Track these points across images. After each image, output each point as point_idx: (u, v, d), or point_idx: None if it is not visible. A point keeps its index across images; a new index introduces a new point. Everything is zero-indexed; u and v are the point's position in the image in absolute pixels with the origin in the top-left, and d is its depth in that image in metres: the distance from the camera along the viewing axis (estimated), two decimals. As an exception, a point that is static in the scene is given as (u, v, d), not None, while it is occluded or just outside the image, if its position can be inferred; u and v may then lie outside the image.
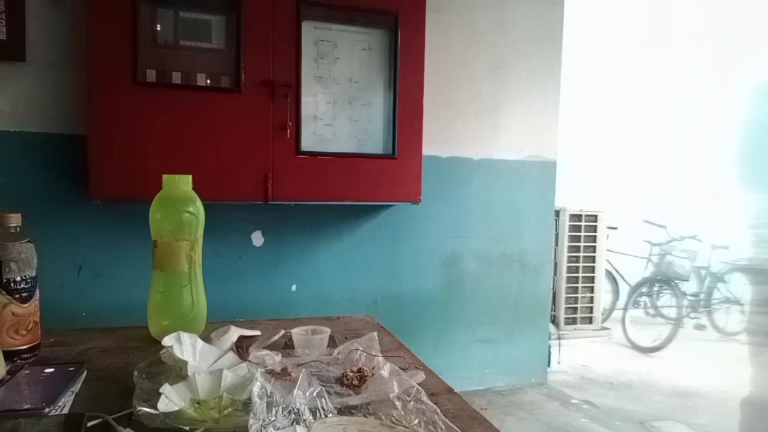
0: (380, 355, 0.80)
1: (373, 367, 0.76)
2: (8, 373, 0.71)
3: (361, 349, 0.81)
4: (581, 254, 3.81)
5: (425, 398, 0.68)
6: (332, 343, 0.93)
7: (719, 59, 5.43)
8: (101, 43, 1.76)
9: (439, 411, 0.64)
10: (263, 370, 0.70)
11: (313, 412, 0.60)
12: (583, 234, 3.80)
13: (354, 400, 0.67)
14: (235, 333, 0.87)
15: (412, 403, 0.66)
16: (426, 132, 2.20)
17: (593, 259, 3.85)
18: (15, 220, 0.80)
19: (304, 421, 0.57)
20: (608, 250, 4.13)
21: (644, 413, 2.58)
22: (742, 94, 5.56)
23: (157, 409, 0.57)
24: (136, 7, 1.78)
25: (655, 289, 4.30)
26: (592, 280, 3.87)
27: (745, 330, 4.11)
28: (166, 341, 0.72)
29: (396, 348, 0.96)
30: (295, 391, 0.60)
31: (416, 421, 0.62)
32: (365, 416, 0.63)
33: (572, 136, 4.25)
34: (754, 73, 5.35)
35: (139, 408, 0.58)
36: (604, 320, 4.09)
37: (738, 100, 5.59)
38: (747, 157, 5.26)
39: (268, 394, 0.59)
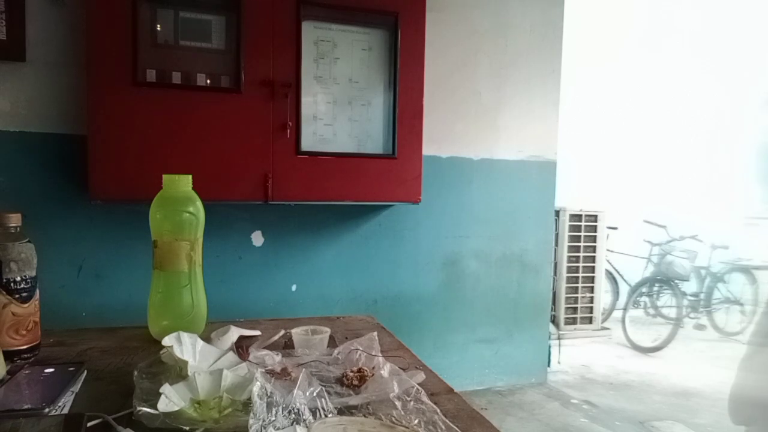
0: (380, 355, 0.80)
1: (373, 367, 0.76)
2: (8, 373, 0.71)
3: (361, 349, 0.81)
4: (581, 254, 3.82)
5: (425, 398, 0.68)
6: (332, 343, 0.93)
7: (719, 58, 5.43)
8: (101, 43, 1.76)
9: (439, 411, 0.64)
10: (263, 370, 0.70)
11: (313, 412, 0.60)
12: (583, 234, 3.81)
13: (354, 400, 0.67)
14: (235, 333, 0.87)
15: (412, 403, 0.66)
16: (426, 132, 2.20)
17: (593, 259, 3.85)
18: (15, 220, 0.80)
19: (304, 421, 0.57)
20: (608, 250, 4.13)
21: (644, 413, 2.58)
22: (742, 93, 5.57)
23: (157, 409, 0.57)
24: (136, 7, 1.78)
25: (655, 289, 4.30)
26: (592, 280, 3.87)
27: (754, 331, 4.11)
28: (166, 341, 0.72)
29: (396, 348, 0.96)
30: (295, 391, 0.60)
31: (416, 421, 0.62)
32: (365, 416, 0.63)
33: (572, 136, 4.25)
34: (756, 76, 5.35)
35: (139, 408, 0.58)
36: (604, 320, 4.10)
37: (738, 99, 5.59)
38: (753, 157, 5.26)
39: (268, 394, 0.59)
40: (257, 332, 0.94)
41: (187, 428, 0.56)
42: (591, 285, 3.88)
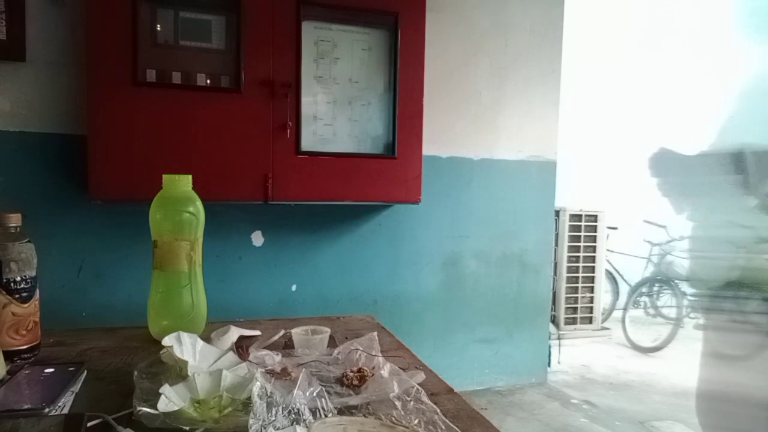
0: (380, 355, 0.80)
1: (373, 367, 0.76)
2: (8, 373, 0.71)
3: (361, 349, 0.81)
4: (581, 254, 3.82)
5: (425, 398, 0.68)
6: (332, 343, 0.93)
7: (720, 59, 5.42)
8: (101, 43, 1.76)
9: (439, 411, 0.64)
10: (263, 370, 0.70)
11: (313, 412, 0.60)
12: (583, 234, 3.81)
13: (354, 400, 0.67)
14: (235, 333, 0.87)
15: (412, 403, 0.66)
16: (426, 132, 2.20)
17: (593, 259, 3.85)
18: (15, 220, 0.80)
19: (304, 421, 0.57)
20: (608, 250, 4.13)
21: (644, 413, 2.58)
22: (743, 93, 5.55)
23: (157, 409, 0.57)
24: (136, 7, 1.78)
25: (655, 289, 4.30)
26: (592, 280, 3.87)
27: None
28: (166, 341, 0.72)
29: (396, 348, 0.96)
30: (295, 391, 0.60)
31: (416, 421, 0.62)
32: (365, 416, 0.63)
33: (572, 136, 4.25)
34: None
35: (139, 408, 0.58)
36: (604, 320, 4.10)
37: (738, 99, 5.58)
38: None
39: (268, 394, 0.59)
40: (257, 332, 0.94)
41: (187, 428, 0.56)
42: (591, 285, 3.88)
